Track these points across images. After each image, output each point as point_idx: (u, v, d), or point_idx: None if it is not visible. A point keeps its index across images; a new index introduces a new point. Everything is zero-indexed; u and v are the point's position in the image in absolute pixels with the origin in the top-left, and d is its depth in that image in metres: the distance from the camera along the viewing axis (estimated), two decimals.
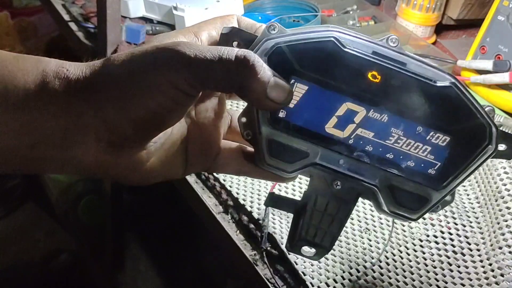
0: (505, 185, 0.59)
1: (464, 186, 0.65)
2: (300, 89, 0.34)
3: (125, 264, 1.44)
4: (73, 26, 0.98)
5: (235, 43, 0.34)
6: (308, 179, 0.37)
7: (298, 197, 0.60)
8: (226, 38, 0.34)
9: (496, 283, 0.51)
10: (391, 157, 0.35)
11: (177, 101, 0.31)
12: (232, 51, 0.30)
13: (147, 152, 0.34)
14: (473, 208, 0.61)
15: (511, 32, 0.77)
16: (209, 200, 0.62)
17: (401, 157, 0.35)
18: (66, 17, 1.00)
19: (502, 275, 0.51)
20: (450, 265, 0.53)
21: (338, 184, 0.36)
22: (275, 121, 0.34)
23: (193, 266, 1.44)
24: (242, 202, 0.60)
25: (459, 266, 0.53)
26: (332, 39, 0.33)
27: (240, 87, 0.31)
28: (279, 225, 0.57)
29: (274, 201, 0.39)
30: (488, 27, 0.81)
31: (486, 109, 0.34)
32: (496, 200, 0.59)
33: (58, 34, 1.71)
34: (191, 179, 0.64)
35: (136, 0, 0.95)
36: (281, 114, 0.34)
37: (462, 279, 0.52)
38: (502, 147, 0.36)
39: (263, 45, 0.33)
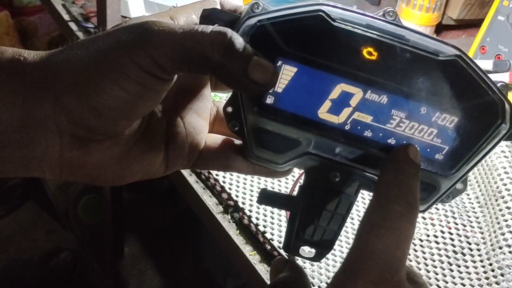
0: (505, 185, 0.59)
1: None
2: (288, 72, 0.30)
3: (125, 263, 1.44)
4: (73, 26, 0.98)
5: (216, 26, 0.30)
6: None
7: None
8: (206, 20, 0.30)
9: (496, 283, 0.51)
10: (393, 143, 0.32)
11: (145, 86, 0.27)
12: (207, 27, 0.27)
13: (119, 146, 0.30)
14: (473, 208, 0.61)
15: (511, 32, 0.77)
16: (209, 200, 0.62)
17: (404, 142, 0.32)
18: (66, 17, 1.00)
19: (502, 275, 0.51)
20: (450, 265, 0.53)
21: (337, 175, 0.32)
22: (262, 108, 0.31)
23: (193, 266, 1.44)
24: (242, 202, 0.60)
25: (459, 266, 0.53)
26: (320, 13, 0.29)
27: (217, 67, 0.27)
28: (278, 224, 0.57)
29: (266, 198, 0.35)
30: (488, 27, 0.81)
31: (498, 85, 0.30)
32: (496, 200, 0.59)
33: (58, 34, 1.71)
34: (191, 179, 0.64)
35: (136, 0, 0.95)
36: (269, 100, 0.31)
37: (462, 279, 0.52)
38: None
39: (244, 23, 0.30)
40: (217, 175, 0.63)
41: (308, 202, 0.33)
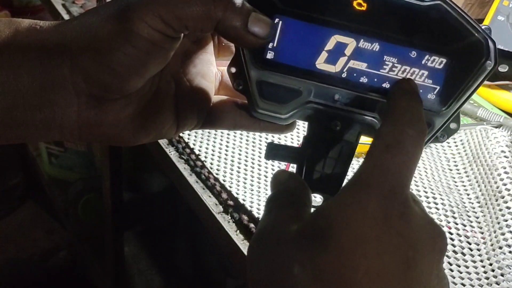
0: (505, 185, 0.59)
1: (464, 186, 0.65)
2: (285, 28, 0.33)
3: (125, 263, 1.44)
4: None
5: None
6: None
7: None
8: None
9: (496, 283, 0.51)
10: (388, 86, 0.34)
11: (155, 43, 0.30)
12: None
13: (133, 106, 0.33)
14: (473, 208, 0.61)
15: (511, 32, 0.77)
16: (209, 200, 0.62)
17: None
18: (66, 17, 1.00)
19: (502, 275, 0.51)
20: (450, 265, 0.53)
21: (338, 124, 0.35)
22: (264, 63, 0.34)
23: (193, 265, 1.44)
24: (242, 201, 0.60)
25: (459, 266, 0.53)
26: None
27: (220, 22, 0.30)
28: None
29: (273, 151, 0.37)
30: None
31: (482, 27, 0.33)
32: (496, 200, 0.59)
33: None
34: (191, 179, 0.64)
35: None
36: (269, 55, 0.34)
37: (462, 279, 0.52)
38: (504, 68, 0.35)
39: None
40: (217, 174, 0.63)
41: (313, 152, 0.36)
